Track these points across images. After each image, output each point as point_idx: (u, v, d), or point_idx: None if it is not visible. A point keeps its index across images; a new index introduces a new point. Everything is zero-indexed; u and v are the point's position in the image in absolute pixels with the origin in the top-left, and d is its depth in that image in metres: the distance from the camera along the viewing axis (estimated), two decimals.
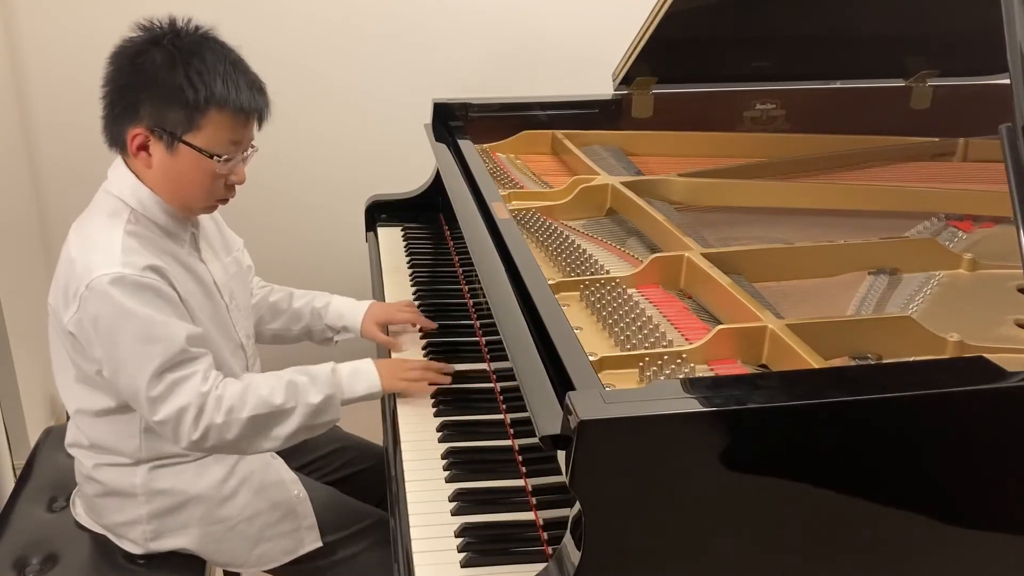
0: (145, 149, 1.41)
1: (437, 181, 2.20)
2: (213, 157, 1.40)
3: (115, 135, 1.43)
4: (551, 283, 1.38)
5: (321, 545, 1.57)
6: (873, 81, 2.22)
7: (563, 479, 0.98)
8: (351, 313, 1.80)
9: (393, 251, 2.16)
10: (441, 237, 2.20)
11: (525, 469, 1.39)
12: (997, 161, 1.11)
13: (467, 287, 1.93)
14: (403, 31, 2.67)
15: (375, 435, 1.70)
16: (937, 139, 2.09)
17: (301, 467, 1.72)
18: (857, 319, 1.39)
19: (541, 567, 1.06)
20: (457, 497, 1.35)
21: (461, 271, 1.99)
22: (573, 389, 1.05)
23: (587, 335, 1.35)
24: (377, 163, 2.72)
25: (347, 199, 2.48)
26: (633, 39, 2.01)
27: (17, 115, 2.49)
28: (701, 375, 1.24)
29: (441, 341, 1.76)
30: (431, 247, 2.17)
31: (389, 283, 2.01)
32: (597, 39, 2.42)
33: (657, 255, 1.52)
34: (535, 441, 1.02)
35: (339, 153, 2.75)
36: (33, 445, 1.84)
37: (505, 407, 1.53)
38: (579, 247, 1.62)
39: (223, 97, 1.38)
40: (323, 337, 1.84)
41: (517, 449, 1.43)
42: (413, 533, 1.28)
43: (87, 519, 1.59)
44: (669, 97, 2.17)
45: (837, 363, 1.26)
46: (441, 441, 1.48)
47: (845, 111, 2.19)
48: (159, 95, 1.37)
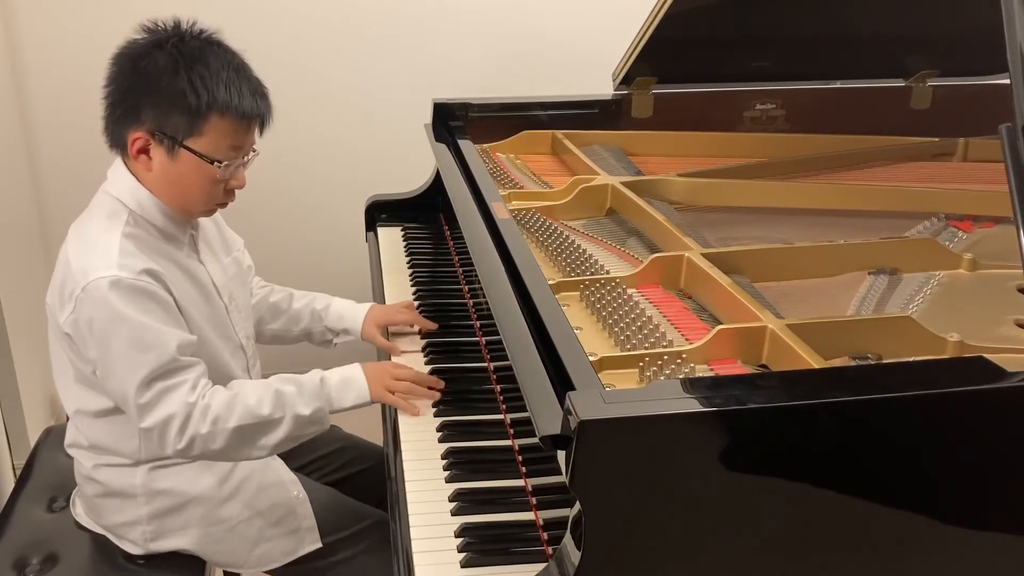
0: (146, 152, 1.41)
1: (437, 181, 2.20)
2: (214, 163, 1.40)
3: (116, 137, 1.43)
4: (551, 283, 1.38)
5: (321, 546, 1.56)
6: (873, 81, 2.22)
7: (563, 479, 0.98)
8: (351, 315, 1.80)
9: (393, 251, 2.16)
10: (441, 237, 2.20)
11: (525, 469, 1.39)
12: (997, 161, 1.11)
13: (467, 287, 1.92)
14: (403, 31, 2.67)
15: (375, 435, 1.70)
16: (937, 139, 2.09)
17: (301, 468, 1.71)
18: (857, 319, 1.39)
19: (541, 567, 1.05)
20: (457, 497, 1.35)
21: (461, 271, 1.99)
22: (573, 389, 1.05)
23: (587, 335, 1.35)
24: (377, 163, 2.72)
25: (347, 199, 2.48)
26: (633, 39, 2.01)
27: (17, 115, 2.49)
28: (701, 375, 1.24)
29: (441, 341, 1.76)
30: (431, 247, 2.17)
31: (389, 283, 2.01)
32: (597, 39, 2.42)
33: (657, 255, 1.52)
34: (535, 441, 1.02)
35: (339, 153, 2.75)
36: (33, 445, 1.84)
37: (505, 407, 1.53)
38: (579, 247, 1.62)
39: (225, 103, 1.37)
40: (323, 339, 1.84)
41: (517, 449, 1.43)
42: (413, 533, 1.28)
43: (87, 519, 1.59)
44: (669, 97, 2.17)
45: (837, 363, 1.26)
46: (441, 441, 1.48)
47: (845, 111, 2.19)
48: (161, 99, 1.36)
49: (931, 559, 1.07)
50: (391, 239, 2.22)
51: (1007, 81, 1.07)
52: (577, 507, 1.00)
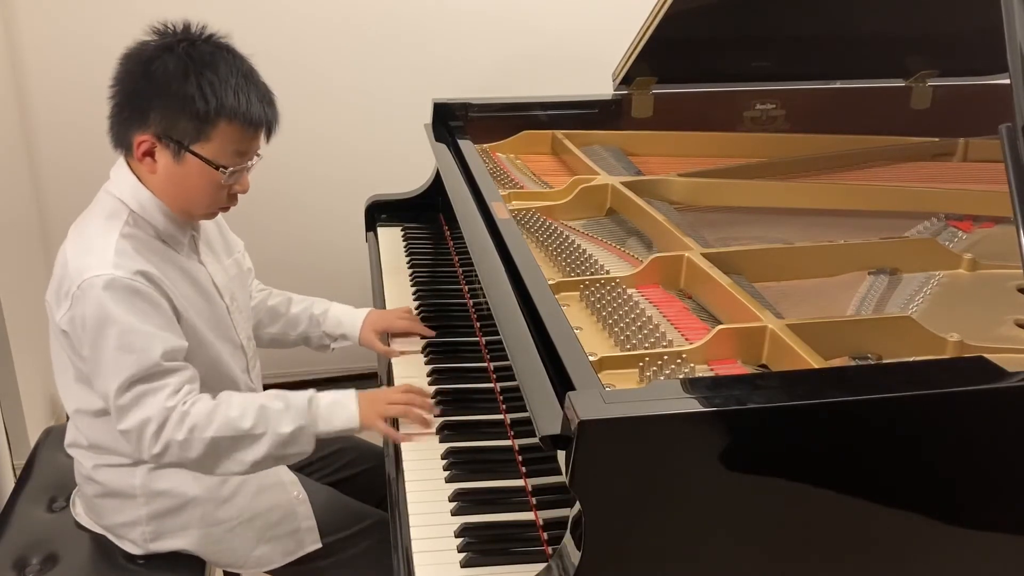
0: (151, 155, 1.40)
1: (437, 181, 2.20)
2: (219, 168, 1.40)
3: (121, 137, 1.43)
4: (551, 283, 1.38)
5: (321, 546, 1.56)
6: (873, 81, 2.22)
7: (563, 479, 0.98)
8: (349, 321, 1.79)
9: (393, 251, 2.16)
10: (441, 237, 2.20)
11: (525, 469, 1.39)
12: (997, 161, 1.11)
13: (467, 287, 1.92)
14: (403, 31, 2.67)
15: (375, 436, 1.69)
16: (937, 139, 2.09)
17: (301, 468, 1.71)
18: (857, 319, 1.39)
19: (541, 567, 1.06)
20: (457, 497, 1.35)
21: (461, 271, 1.99)
22: (573, 389, 1.05)
23: (587, 335, 1.35)
24: (377, 163, 2.72)
25: (347, 199, 2.48)
26: (633, 39, 2.01)
27: (17, 115, 2.49)
28: (701, 375, 1.24)
29: (441, 341, 1.76)
30: (431, 247, 2.17)
31: (389, 283, 2.01)
32: (597, 39, 2.42)
33: (657, 255, 1.52)
34: (535, 441, 1.02)
35: (339, 153, 2.75)
36: (33, 445, 1.84)
37: (505, 407, 1.53)
38: (579, 247, 1.62)
39: (233, 110, 1.37)
40: (320, 344, 1.83)
41: (517, 449, 1.43)
42: (413, 533, 1.28)
43: (87, 519, 1.59)
44: (669, 97, 2.17)
45: (837, 363, 1.26)
46: (441, 441, 1.48)
47: (845, 111, 2.19)
48: (170, 104, 1.36)
49: (931, 559, 1.07)
50: (391, 239, 2.22)
51: (1007, 81, 1.08)
52: (577, 507, 1.00)
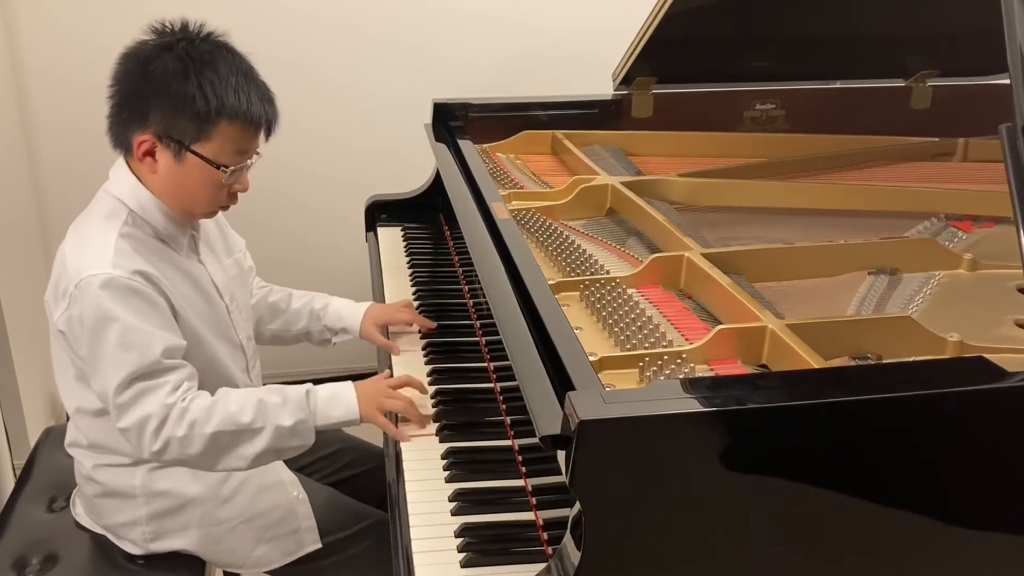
0: (151, 155, 1.40)
1: (437, 181, 2.20)
2: (220, 167, 1.40)
3: (121, 138, 1.43)
4: (551, 283, 1.38)
5: (320, 546, 1.56)
6: (873, 81, 2.22)
7: (563, 479, 0.98)
8: (350, 314, 1.79)
9: (393, 251, 2.16)
10: (441, 237, 2.20)
11: (525, 469, 1.39)
12: (997, 161, 1.11)
13: (467, 287, 1.92)
14: (403, 31, 2.67)
15: (375, 436, 1.70)
16: (937, 139, 2.09)
17: (301, 468, 1.71)
18: (857, 319, 1.39)
19: (541, 567, 1.06)
20: (457, 497, 1.35)
21: (461, 271, 1.99)
22: (573, 389, 1.05)
23: (587, 335, 1.35)
24: (377, 163, 2.72)
25: (347, 199, 2.48)
26: (633, 39, 2.01)
27: (17, 115, 2.49)
28: (701, 375, 1.24)
29: (441, 341, 1.76)
30: (431, 247, 2.17)
31: (389, 283, 2.01)
32: (597, 39, 2.42)
33: (657, 255, 1.52)
34: (535, 441, 1.02)
35: (339, 153, 2.75)
36: (33, 445, 1.84)
37: (505, 407, 1.53)
38: (579, 247, 1.62)
39: (234, 109, 1.37)
40: (321, 338, 1.83)
41: (517, 449, 1.43)
42: (413, 533, 1.28)
43: (87, 519, 1.59)
44: (669, 97, 2.17)
45: (837, 363, 1.26)
46: (441, 441, 1.48)
47: (845, 111, 2.19)
48: (170, 104, 1.36)
49: (931, 559, 1.07)
50: (391, 239, 2.22)
51: (1007, 81, 1.07)
52: (577, 507, 1.00)
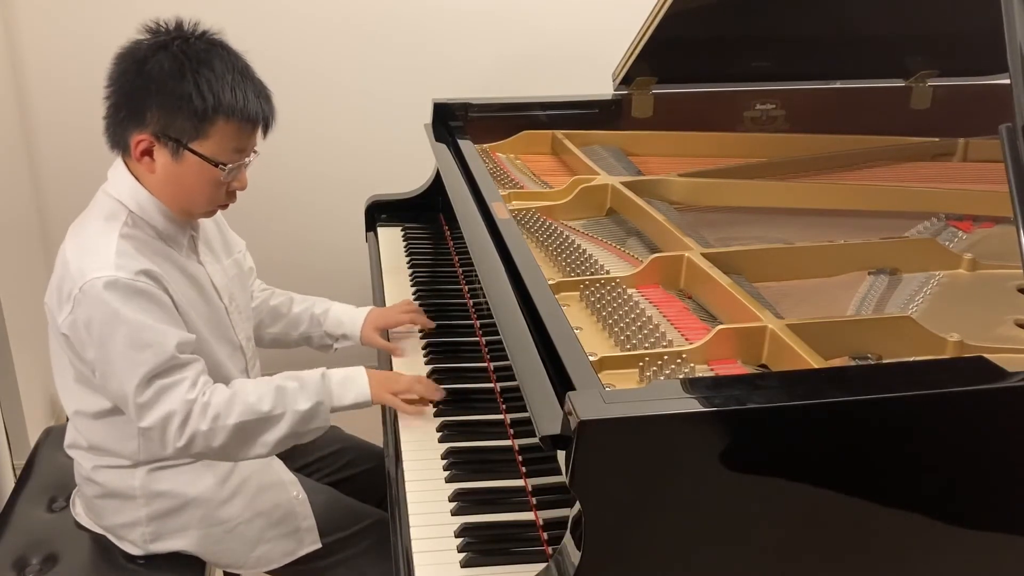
0: (149, 155, 1.40)
1: (437, 181, 2.20)
2: (218, 166, 1.40)
3: (118, 138, 1.43)
4: (551, 283, 1.38)
5: (320, 546, 1.56)
6: (873, 81, 2.22)
7: (563, 479, 0.98)
8: (350, 320, 1.79)
9: (393, 251, 2.16)
10: (441, 237, 2.20)
11: (525, 469, 1.39)
12: (997, 161, 1.11)
13: (467, 287, 1.92)
14: (403, 31, 2.67)
15: (375, 436, 1.70)
16: (937, 139, 2.09)
17: (301, 468, 1.71)
18: (857, 319, 1.39)
19: (541, 567, 1.06)
20: (457, 497, 1.35)
21: (461, 271, 1.99)
22: (573, 389, 1.05)
23: (587, 335, 1.35)
24: (377, 163, 2.72)
25: (347, 199, 2.48)
26: (633, 39, 2.01)
27: (17, 115, 2.49)
28: (701, 375, 1.24)
29: (441, 341, 1.76)
30: (431, 247, 2.17)
31: (389, 283, 2.01)
32: (597, 39, 2.42)
33: (657, 255, 1.52)
34: (535, 441, 1.02)
35: (339, 153, 2.75)
36: (33, 445, 1.84)
37: (505, 407, 1.53)
38: (579, 247, 1.62)
39: (231, 106, 1.37)
40: (322, 344, 1.83)
41: (517, 449, 1.43)
42: (413, 533, 1.28)
43: (87, 519, 1.59)
44: (669, 97, 2.17)
45: (837, 363, 1.26)
46: (441, 441, 1.48)
47: (845, 111, 2.19)
48: (167, 103, 1.36)
49: (931, 559, 1.07)
50: (391, 239, 2.22)
51: (1007, 81, 1.07)
52: (577, 507, 1.00)
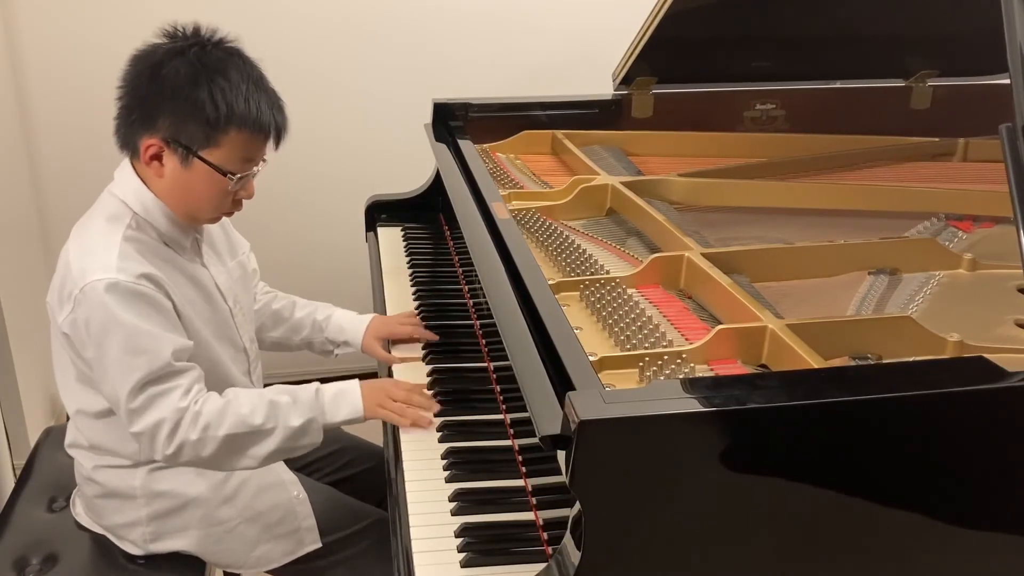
0: (158, 159, 1.39)
1: (437, 181, 2.20)
2: (226, 175, 1.40)
3: (128, 140, 1.42)
4: (551, 283, 1.38)
5: (320, 546, 1.56)
6: (873, 81, 2.22)
7: (563, 479, 0.98)
8: (352, 328, 1.78)
9: (393, 251, 2.16)
10: (441, 237, 2.20)
11: (525, 469, 1.39)
12: (997, 161, 1.11)
13: (467, 287, 1.92)
14: (403, 31, 2.67)
15: (375, 435, 1.70)
16: (937, 139, 2.09)
17: (301, 468, 1.71)
18: (857, 319, 1.39)
19: (541, 567, 1.06)
20: (457, 497, 1.35)
21: (461, 271, 1.99)
22: (573, 389, 1.05)
23: (587, 335, 1.35)
24: (377, 163, 2.72)
25: (347, 199, 2.48)
26: (633, 39, 2.01)
27: (17, 115, 2.49)
28: (701, 375, 1.24)
29: (441, 341, 1.76)
30: (431, 247, 2.17)
31: (389, 284, 2.01)
32: (597, 39, 2.42)
33: (657, 255, 1.52)
34: (535, 441, 1.02)
35: (339, 153, 2.75)
36: (33, 445, 1.84)
37: (505, 407, 1.53)
38: (579, 247, 1.62)
39: (244, 117, 1.37)
40: (323, 349, 1.83)
41: (517, 449, 1.43)
42: (413, 533, 1.28)
43: (87, 519, 1.59)
44: (669, 97, 2.17)
45: (837, 363, 1.26)
46: (441, 441, 1.48)
47: (845, 111, 2.19)
48: (180, 109, 1.35)
49: (931, 559, 1.07)
50: (391, 239, 2.22)
51: (1007, 81, 1.07)
52: (577, 507, 1.00)
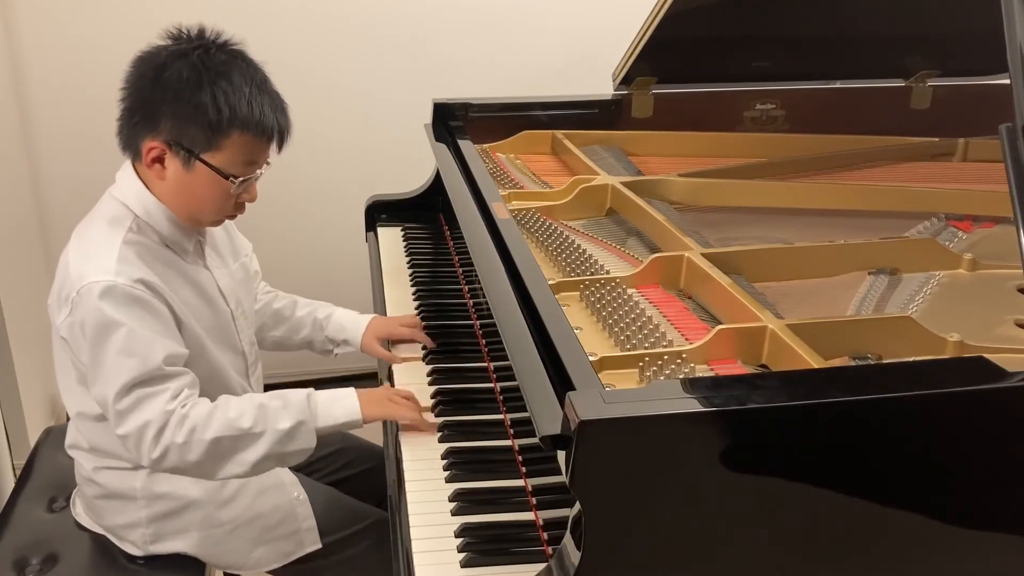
0: (160, 162, 1.39)
1: (437, 181, 2.20)
2: (229, 178, 1.39)
3: (130, 142, 1.41)
4: (551, 283, 1.38)
5: (320, 547, 1.56)
6: (873, 81, 2.22)
7: (563, 479, 0.98)
8: (352, 327, 1.78)
9: (393, 251, 2.16)
10: (441, 237, 2.20)
11: (525, 469, 1.39)
12: (997, 161, 1.11)
13: (467, 287, 1.92)
14: (403, 31, 2.67)
15: (375, 436, 1.70)
16: (937, 139, 2.09)
17: (301, 468, 1.71)
18: (857, 319, 1.39)
19: (541, 567, 1.06)
20: (457, 497, 1.35)
21: (461, 271, 1.99)
22: (573, 389, 1.05)
23: (587, 335, 1.35)
24: (377, 163, 2.72)
25: (347, 199, 2.48)
26: (633, 39, 2.01)
27: (17, 117, 2.49)
28: (701, 375, 1.24)
29: (441, 341, 1.76)
30: (431, 247, 2.17)
31: (389, 284, 2.01)
32: (597, 39, 2.42)
33: (657, 255, 1.52)
34: (535, 441, 1.02)
35: (339, 153, 2.75)
36: (33, 445, 1.84)
37: (505, 407, 1.53)
38: (579, 247, 1.62)
39: (246, 120, 1.36)
40: (323, 348, 1.83)
41: (517, 449, 1.43)
42: (413, 533, 1.28)
43: (87, 519, 1.59)
44: (669, 97, 2.17)
45: (837, 363, 1.26)
46: (441, 441, 1.48)
47: (845, 111, 2.19)
48: (182, 112, 1.35)
49: (931, 559, 1.07)
50: (391, 239, 2.22)
51: (1007, 81, 1.07)
52: (577, 507, 1.00)
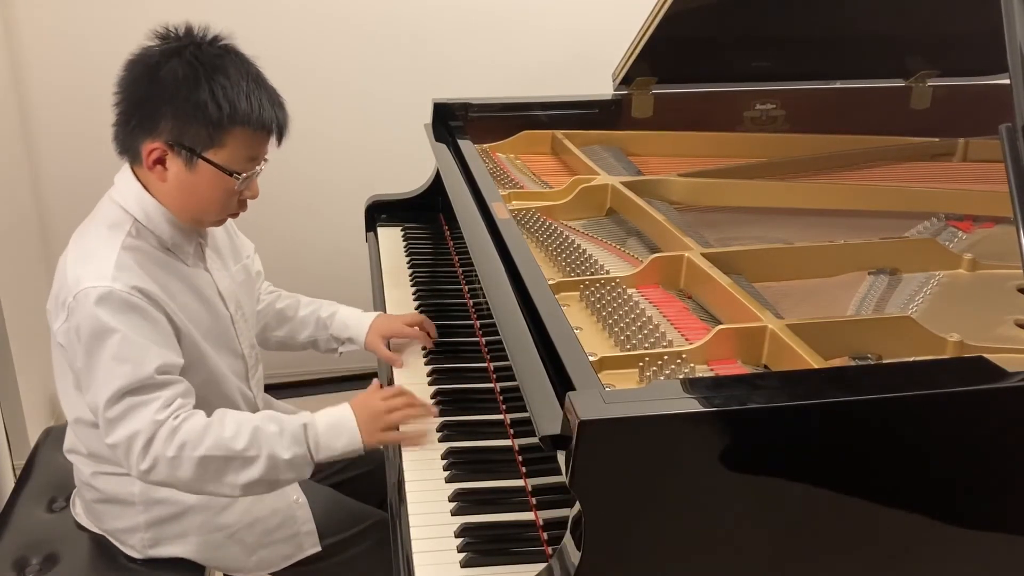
0: (161, 163, 1.38)
1: (437, 181, 2.20)
2: (232, 175, 1.39)
3: (128, 145, 1.40)
4: (551, 283, 1.38)
5: (320, 549, 1.56)
6: (873, 81, 2.22)
7: (563, 479, 0.98)
8: (356, 325, 1.78)
9: (393, 251, 2.16)
10: (441, 237, 2.20)
11: (525, 469, 1.39)
12: (997, 161, 1.11)
13: (467, 287, 1.93)
14: (403, 31, 2.67)
15: None
16: (937, 139, 2.09)
17: None
18: (857, 319, 1.39)
19: (541, 567, 1.06)
20: (457, 497, 1.35)
21: (461, 271, 1.99)
22: (573, 389, 1.05)
23: (587, 335, 1.35)
24: (377, 163, 2.72)
25: (347, 199, 2.48)
26: (633, 39, 2.01)
27: (17, 117, 2.49)
28: (701, 375, 1.24)
29: (441, 341, 1.76)
30: (431, 247, 2.17)
31: (389, 284, 2.01)
32: (597, 39, 2.42)
33: (657, 255, 1.52)
34: (535, 441, 1.02)
35: (339, 153, 2.75)
36: (33, 445, 1.84)
37: (505, 407, 1.53)
38: (579, 247, 1.62)
39: (247, 115, 1.35)
40: (327, 347, 1.82)
41: (517, 449, 1.43)
42: (413, 533, 1.28)
43: (87, 520, 1.58)
44: (669, 97, 2.17)
45: (837, 363, 1.26)
46: (441, 441, 1.48)
47: (845, 111, 2.19)
48: (182, 111, 1.33)
49: (931, 559, 1.07)
50: (391, 239, 2.22)
51: (1007, 81, 1.07)
52: (577, 507, 1.00)
